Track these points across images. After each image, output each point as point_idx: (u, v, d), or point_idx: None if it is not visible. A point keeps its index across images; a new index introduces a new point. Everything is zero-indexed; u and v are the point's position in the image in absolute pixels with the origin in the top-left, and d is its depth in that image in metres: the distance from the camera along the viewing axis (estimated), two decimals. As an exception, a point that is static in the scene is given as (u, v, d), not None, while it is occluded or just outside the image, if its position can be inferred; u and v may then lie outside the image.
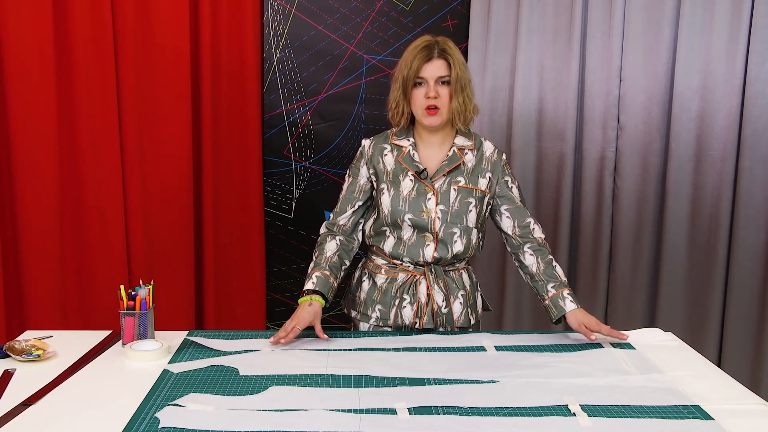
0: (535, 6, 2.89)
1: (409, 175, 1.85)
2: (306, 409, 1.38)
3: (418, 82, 1.79)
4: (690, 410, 1.40)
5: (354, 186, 1.92)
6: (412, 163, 1.85)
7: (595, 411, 1.39)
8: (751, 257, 2.85)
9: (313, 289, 1.80)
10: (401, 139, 1.89)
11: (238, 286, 3.02)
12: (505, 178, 1.90)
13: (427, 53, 1.78)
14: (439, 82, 1.79)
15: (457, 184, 1.84)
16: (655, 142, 2.91)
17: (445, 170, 1.84)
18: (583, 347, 1.79)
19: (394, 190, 1.85)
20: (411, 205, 1.83)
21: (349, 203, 1.91)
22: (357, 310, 1.96)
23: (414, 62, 1.78)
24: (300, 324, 1.73)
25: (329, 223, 1.93)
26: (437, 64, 1.78)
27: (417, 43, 1.82)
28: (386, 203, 1.85)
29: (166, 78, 2.76)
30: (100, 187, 2.69)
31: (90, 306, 2.73)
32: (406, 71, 1.79)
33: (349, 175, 1.94)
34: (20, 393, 1.46)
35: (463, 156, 1.86)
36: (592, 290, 3.03)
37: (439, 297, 1.87)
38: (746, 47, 2.76)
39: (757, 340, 2.90)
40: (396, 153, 1.88)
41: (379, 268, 1.92)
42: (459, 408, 1.40)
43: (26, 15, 2.51)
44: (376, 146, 1.90)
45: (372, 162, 1.89)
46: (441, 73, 1.79)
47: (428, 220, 1.82)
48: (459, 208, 1.83)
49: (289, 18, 2.94)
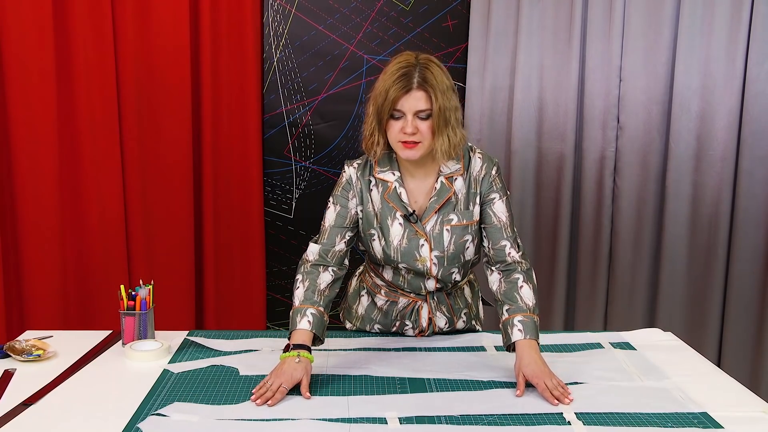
0: (535, 6, 2.89)
1: (398, 218, 1.68)
2: (293, 419, 1.36)
3: (395, 114, 1.57)
4: (698, 417, 1.38)
5: (344, 215, 1.70)
6: (399, 203, 1.68)
7: (591, 419, 1.37)
8: (751, 257, 2.85)
9: (300, 343, 1.54)
10: (385, 171, 1.70)
11: (238, 286, 3.02)
12: (491, 196, 1.69)
13: (404, 83, 1.54)
14: (418, 115, 1.56)
15: (450, 223, 1.67)
16: (655, 142, 2.90)
17: (435, 207, 1.67)
18: (583, 347, 1.79)
19: (384, 239, 1.69)
20: (403, 255, 1.69)
21: (338, 234, 1.69)
22: (353, 323, 1.91)
23: (390, 92, 1.54)
24: (288, 383, 1.47)
25: (322, 251, 1.68)
26: (416, 96, 1.55)
27: (393, 67, 1.58)
28: (378, 250, 1.71)
29: (166, 78, 2.76)
30: (100, 187, 2.69)
31: (90, 306, 2.73)
32: (381, 101, 1.56)
33: (335, 203, 1.71)
34: (20, 393, 1.47)
35: (452, 185, 1.68)
36: (592, 290, 3.03)
37: (442, 321, 1.83)
38: (746, 47, 2.75)
39: (757, 340, 2.90)
40: (381, 189, 1.70)
41: (379, 288, 1.83)
42: (450, 417, 1.38)
43: (26, 15, 2.51)
44: (362, 178, 1.71)
45: (361, 198, 1.71)
46: (420, 106, 1.55)
47: (424, 268, 1.70)
48: (455, 249, 1.69)
49: (289, 18, 2.94)
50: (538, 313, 1.61)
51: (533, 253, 3.05)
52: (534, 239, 3.06)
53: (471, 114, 2.98)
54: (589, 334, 1.89)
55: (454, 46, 2.98)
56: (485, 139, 2.99)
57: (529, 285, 1.64)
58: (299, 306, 1.61)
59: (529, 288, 1.64)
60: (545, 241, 3.05)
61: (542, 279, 3.03)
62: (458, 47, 2.98)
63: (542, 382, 1.47)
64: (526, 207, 3.03)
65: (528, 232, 3.05)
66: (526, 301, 1.61)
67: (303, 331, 1.56)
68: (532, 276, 1.68)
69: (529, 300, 1.62)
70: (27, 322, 2.62)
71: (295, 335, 1.56)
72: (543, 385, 1.46)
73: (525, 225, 3.04)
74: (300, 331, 1.57)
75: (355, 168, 1.72)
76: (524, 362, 1.52)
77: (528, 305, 1.61)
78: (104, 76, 2.64)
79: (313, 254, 1.69)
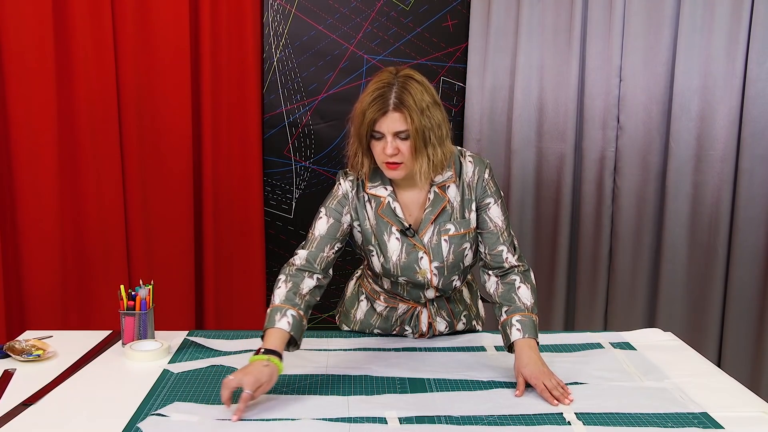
0: (535, 6, 2.89)
1: (395, 232, 1.66)
2: (293, 419, 1.36)
3: (375, 135, 1.56)
4: (698, 417, 1.38)
5: (335, 228, 1.66)
6: (394, 217, 1.66)
7: (591, 419, 1.37)
8: (751, 257, 2.85)
9: (272, 349, 1.46)
10: (376, 186, 1.67)
11: (238, 286, 3.02)
12: (486, 201, 1.67)
13: (380, 105, 1.53)
14: (398, 136, 1.54)
15: (447, 233, 1.65)
16: (655, 142, 2.90)
17: (430, 219, 1.65)
18: (583, 347, 1.79)
19: (383, 255, 1.67)
20: (403, 269, 1.67)
21: (327, 244, 1.65)
22: (351, 327, 1.90)
23: (367, 114, 1.54)
24: (249, 385, 1.37)
25: (310, 257, 1.63)
26: (393, 117, 1.52)
27: (371, 87, 1.57)
28: (377, 265, 1.70)
29: (166, 78, 2.76)
30: (100, 186, 2.69)
31: (90, 306, 2.73)
32: (358, 123, 1.56)
33: (328, 215, 1.67)
34: (20, 393, 1.47)
35: (446, 194, 1.66)
36: (592, 290, 3.03)
37: (442, 325, 1.83)
38: (746, 47, 2.75)
39: (757, 340, 2.90)
40: (374, 204, 1.67)
41: (378, 294, 1.83)
42: (450, 417, 1.38)
43: (26, 15, 2.51)
44: (356, 194, 1.68)
45: (358, 215, 1.68)
46: (398, 128, 1.53)
47: (425, 280, 1.69)
48: (455, 258, 1.67)
49: (289, 18, 2.94)
50: (536, 313, 1.61)
51: (533, 253, 3.05)
52: (534, 239, 3.06)
53: (471, 114, 2.98)
54: (589, 334, 1.89)
55: (454, 46, 2.98)
56: (485, 139, 2.99)
57: (526, 285, 1.64)
58: (279, 305, 1.54)
59: (526, 288, 1.63)
60: (545, 241, 3.05)
61: (542, 279, 3.03)
62: (458, 47, 2.98)
63: (541, 383, 1.46)
64: (526, 207, 3.03)
65: (528, 232, 3.05)
66: (524, 301, 1.61)
67: (279, 331, 1.49)
68: (530, 277, 1.67)
69: (527, 300, 1.61)
70: (27, 322, 2.62)
71: (270, 336, 1.49)
72: (542, 386, 1.46)
73: (525, 225, 3.04)
74: (276, 330, 1.49)
75: (351, 184, 1.69)
76: (523, 362, 1.51)
77: (526, 305, 1.60)
78: (104, 76, 2.64)
79: (300, 259, 1.64)
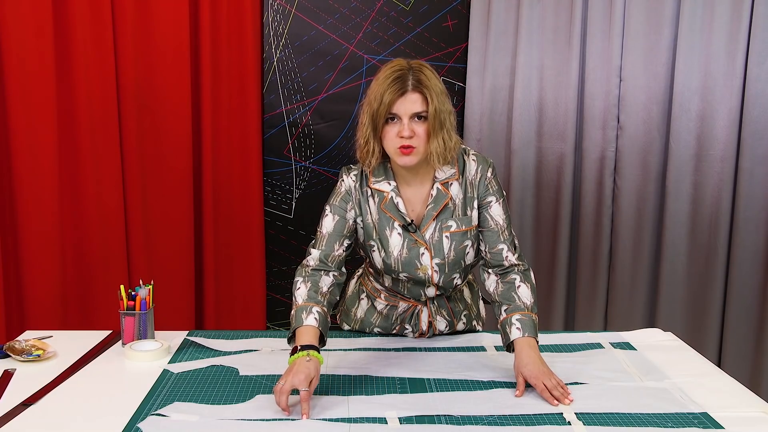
0: (535, 6, 2.89)
1: (396, 228, 1.67)
2: (293, 419, 1.36)
3: (390, 118, 1.56)
4: (698, 417, 1.38)
5: (342, 225, 1.68)
6: (396, 213, 1.66)
7: (591, 419, 1.37)
8: (751, 257, 2.85)
9: (308, 344, 1.47)
10: (380, 181, 1.68)
11: (238, 286, 3.02)
12: (488, 199, 1.68)
13: (399, 86, 1.54)
14: (414, 118, 1.55)
15: (449, 230, 1.66)
16: (655, 142, 2.90)
17: (432, 215, 1.66)
18: (583, 347, 1.79)
19: (384, 250, 1.68)
20: (404, 264, 1.68)
21: (336, 241, 1.67)
22: (352, 326, 1.90)
23: (385, 96, 1.53)
24: (302, 383, 1.39)
25: (323, 256, 1.67)
26: (412, 98, 1.54)
27: (387, 72, 1.57)
28: (378, 261, 1.71)
29: (166, 78, 2.76)
30: (100, 187, 2.69)
31: (90, 306, 2.73)
32: (377, 105, 1.55)
33: (333, 213, 1.69)
34: (20, 393, 1.47)
35: (448, 191, 1.67)
36: (592, 290, 3.03)
37: (442, 324, 1.83)
38: (746, 47, 2.75)
39: (757, 340, 2.90)
40: (377, 199, 1.68)
41: (379, 293, 1.83)
42: (450, 417, 1.38)
43: (26, 15, 2.51)
44: (360, 189, 1.69)
45: (361, 210, 1.69)
46: (416, 109, 1.54)
47: (426, 277, 1.70)
48: (455, 255, 1.68)
49: (289, 18, 2.94)
50: (536, 312, 1.61)
51: (533, 253, 3.05)
52: (534, 239, 3.06)
53: (471, 114, 2.98)
54: (589, 334, 1.89)
55: (454, 46, 2.98)
56: (485, 139, 2.99)
57: (526, 284, 1.64)
58: (304, 304, 1.56)
59: (526, 287, 1.63)
60: (545, 241, 3.05)
61: (542, 279, 3.03)
62: (458, 47, 2.98)
63: (541, 383, 1.46)
64: (526, 207, 3.03)
65: (528, 231, 3.05)
66: (524, 300, 1.61)
67: (310, 328, 1.50)
68: (530, 276, 1.67)
69: (527, 299, 1.61)
70: (27, 322, 2.62)
71: (302, 333, 1.50)
72: (542, 386, 1.46)
73: (525, 225, 3.04)
74: (307, 328, 1.50)
75: (354, 179, 1.70)
76: (523, 362, 1.51)
77: (526, 304, 1.60)
78: (104, 76, 2.64)
79: (314, 260, 1.67)
